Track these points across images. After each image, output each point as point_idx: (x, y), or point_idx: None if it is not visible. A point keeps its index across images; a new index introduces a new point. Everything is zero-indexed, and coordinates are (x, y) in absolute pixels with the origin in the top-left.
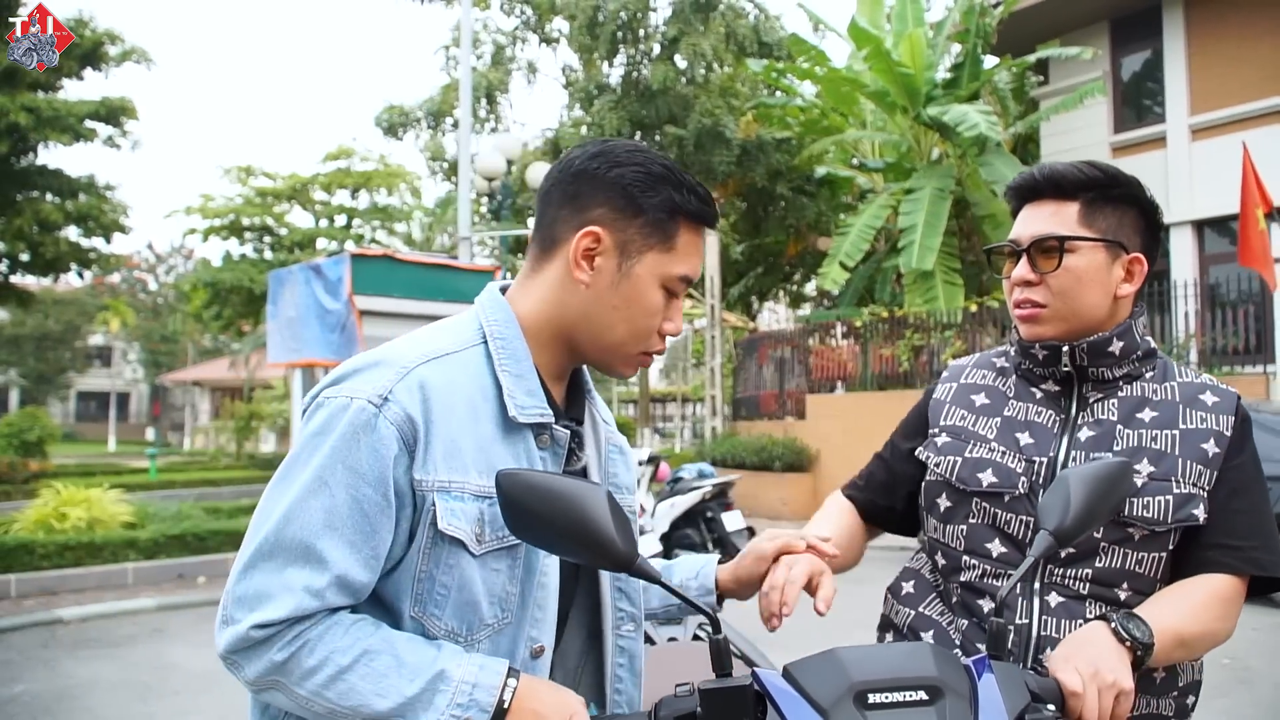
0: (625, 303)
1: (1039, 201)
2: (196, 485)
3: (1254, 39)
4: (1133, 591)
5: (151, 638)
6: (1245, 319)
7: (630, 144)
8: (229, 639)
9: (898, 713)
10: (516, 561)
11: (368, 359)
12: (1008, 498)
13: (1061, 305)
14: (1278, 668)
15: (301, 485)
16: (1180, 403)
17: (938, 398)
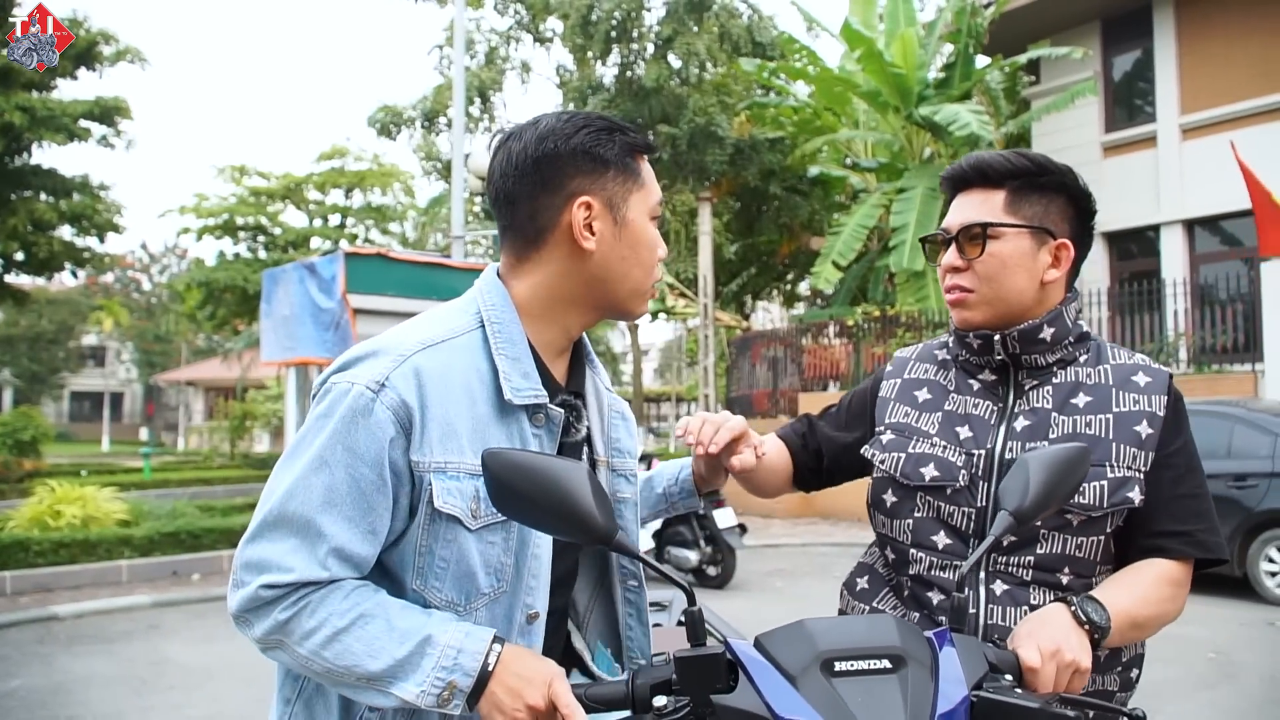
0: (632, 249)
1: (969, 191)
2: (191, 484)
3: (1243, 39)
4: (1074, 575)
5: (146, 634)
6: (1234, 318)
7: (562, 113)
8: (240, 599)
9: (862, 680)
10: (510, 535)
11: (370, 346)
12: (949, 490)
13: (988, 290)
14: (1263, 661)
15: (305, 463)
16: (1113, 385)
17: (883, 395)
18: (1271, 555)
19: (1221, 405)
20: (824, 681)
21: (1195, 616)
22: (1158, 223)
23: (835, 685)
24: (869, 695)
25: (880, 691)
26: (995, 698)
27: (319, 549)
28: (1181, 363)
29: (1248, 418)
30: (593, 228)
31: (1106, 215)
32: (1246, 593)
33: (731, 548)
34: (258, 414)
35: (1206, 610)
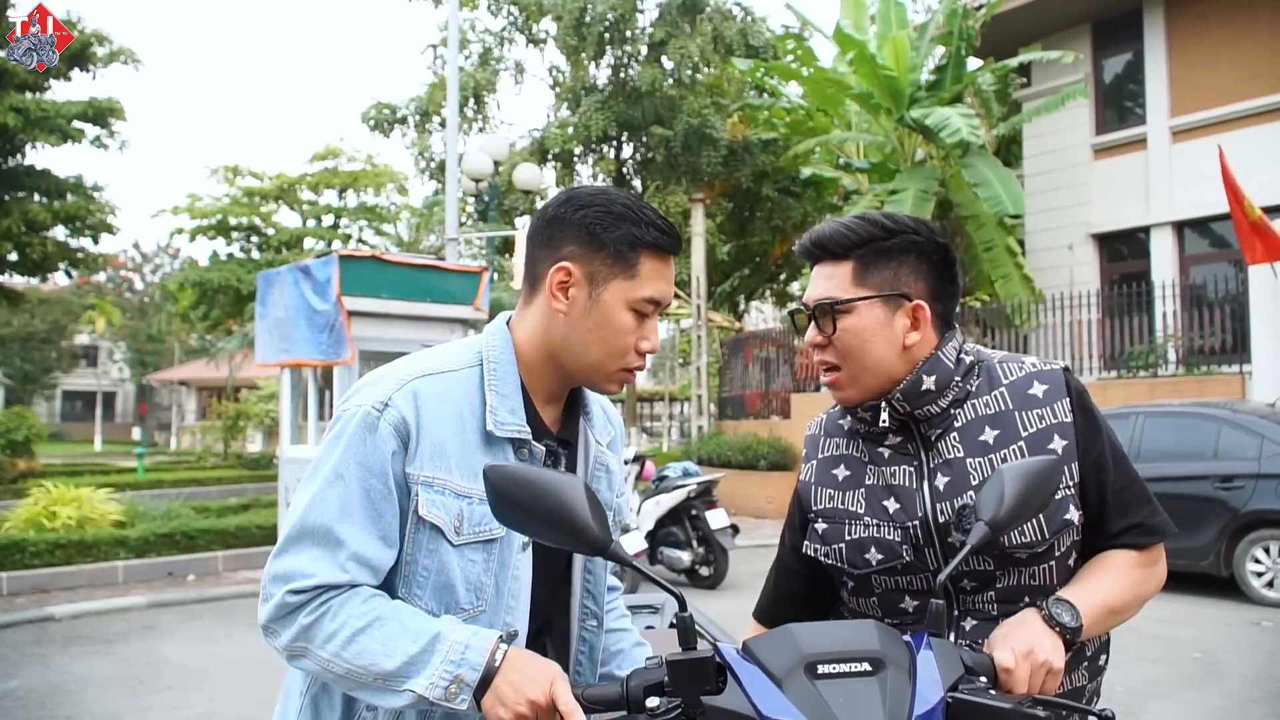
0: (598, 326)
1: (820, 263)
2: (185, 485)
3: (1233, 42)
4: (1034, 598)
5: (143, 634)
6: (1223, 319)
7: (596, 188)
8: (268, 609)
9: (844, 682)
10: (491, 556)
11: (376, 375)
12: (899, 566)
13: (852, 365)
14: (1248, 661)
15: (322, 480)
16: (1014, 408)
17: (804, 480)
18: (1258, 556)
19: (1208, 407)
20: (807, 683)
21: (1181, 616)
22: (1148, 224)
23: (818, 687)
24: (850, 696)
25: (860, 692)
26: (970, 699)
27: (338, 555)
28: (1171, 364)
29: (1234, 419)
30: (568, 292)
31: (1097, 217)
32: (1233, 593)
33: (724, 548)
34: (251, 414)
35: (1193, 610)
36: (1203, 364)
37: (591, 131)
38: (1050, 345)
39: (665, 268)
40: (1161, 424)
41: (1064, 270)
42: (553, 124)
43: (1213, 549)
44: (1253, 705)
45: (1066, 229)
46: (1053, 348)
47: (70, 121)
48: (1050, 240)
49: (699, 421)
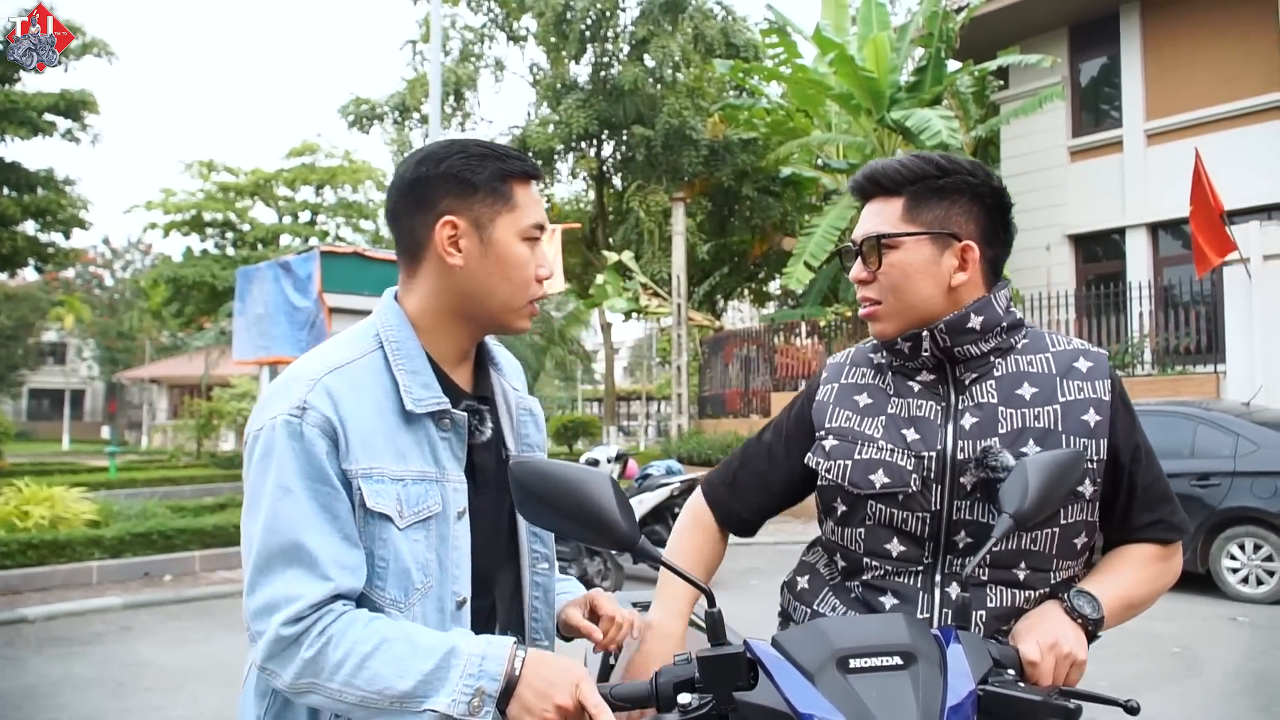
0: (498, 266)
1: (872, 200)
2: (158, 484)
3: (1208, 46)
4: (1030, 570)
5: (120, 636)
6: (1198, 320)
7: (445, 141)
8: (264, 647)
9: (876, 676)
10: (430, 532)
11: (279, 385)
12: (901, 496)
13: (895, 301)
14: (1226, 655)
15: (269, 501)
16: (1057, 374)
17: (820, 400)
18: (1233, 552)
19: (1185, 406)
20: (840, 678)
21: (1160, 612)
22: (1123, 226)
23: (851, 681)
24: (883, 691)
25: (893, 687)
26: (1000, 691)
27: (316, 568)
28: (1146, 364)
29: (1210, 418)
30: (459, 245)
31: (1073, 218)
32: (1209, 589)
33: None
34: (224, 412)
35: (1171, 606)
36: (1177, 364)
37: (573, 129)
38: None
39: (534, 192)
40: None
41: (1041, 270)
42: (534, 121)
43: (1189, 546)
44: (1233, 698)
45: (1043, 230)
46: None
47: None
48: (1027, 241)
49: (679, 420)
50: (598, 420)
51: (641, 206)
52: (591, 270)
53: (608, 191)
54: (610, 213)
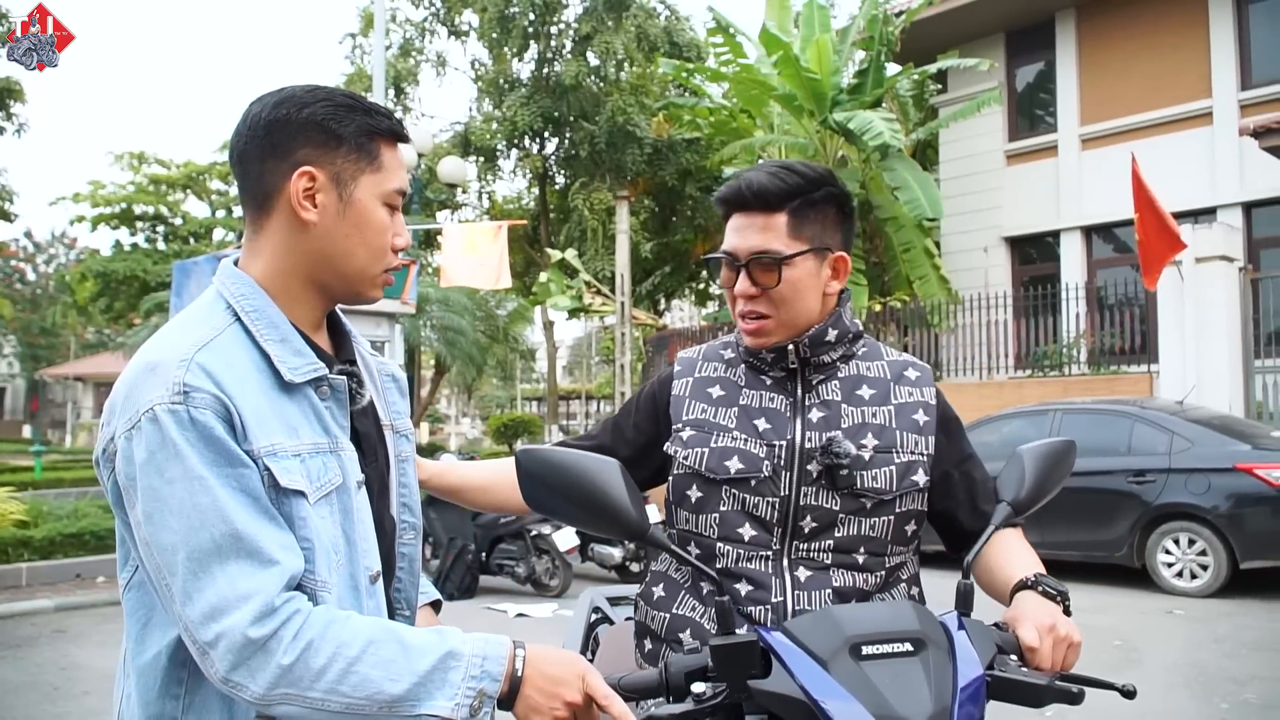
0: (356, 228)
1: (749, 213)
2: (87, 484)
3: (1142, 54)
4: (869, 554)
5: (53, 639)
6: (1131, 321)
7: (308, 85)
8: (228, 656)
9: (888, 662)
10: (334, 506)
11: (134, 375)
12: (754, 482)
13: (785, 315)
14: (1163, 648)
15: (181, 499)
16: (890, 379)
17: (676, 394)
18: (1168, 547)
19: (1121, 404)
20: (853, 664)
21: (1099, 606)
22: (1058, 229)
23: (863, 667)
24: (895, 676)
25: (905, 672)
26: (1007, 676)
27: (259, 554)
28: (1081, 364)
29: (1145, 416)
30: (315, 199)
31: (1009, 221)
32: (1146, 583)
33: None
34: None
35: (1109, 600)
36: (1111, 364)
37: (516, 126)
38: (965, 345)
39: (400, 156)
40: (1077, 420)
41: (979, 272)
42: (477, 117)
43: (1126, 541)
44: (1173, 690)
45: (981, 232)
46: (968, 347)
47: None
48: (965, 243)
49: None
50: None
51: (585, 205)
52: (534, 268)
53: (551, 189)
54: (553, 210)
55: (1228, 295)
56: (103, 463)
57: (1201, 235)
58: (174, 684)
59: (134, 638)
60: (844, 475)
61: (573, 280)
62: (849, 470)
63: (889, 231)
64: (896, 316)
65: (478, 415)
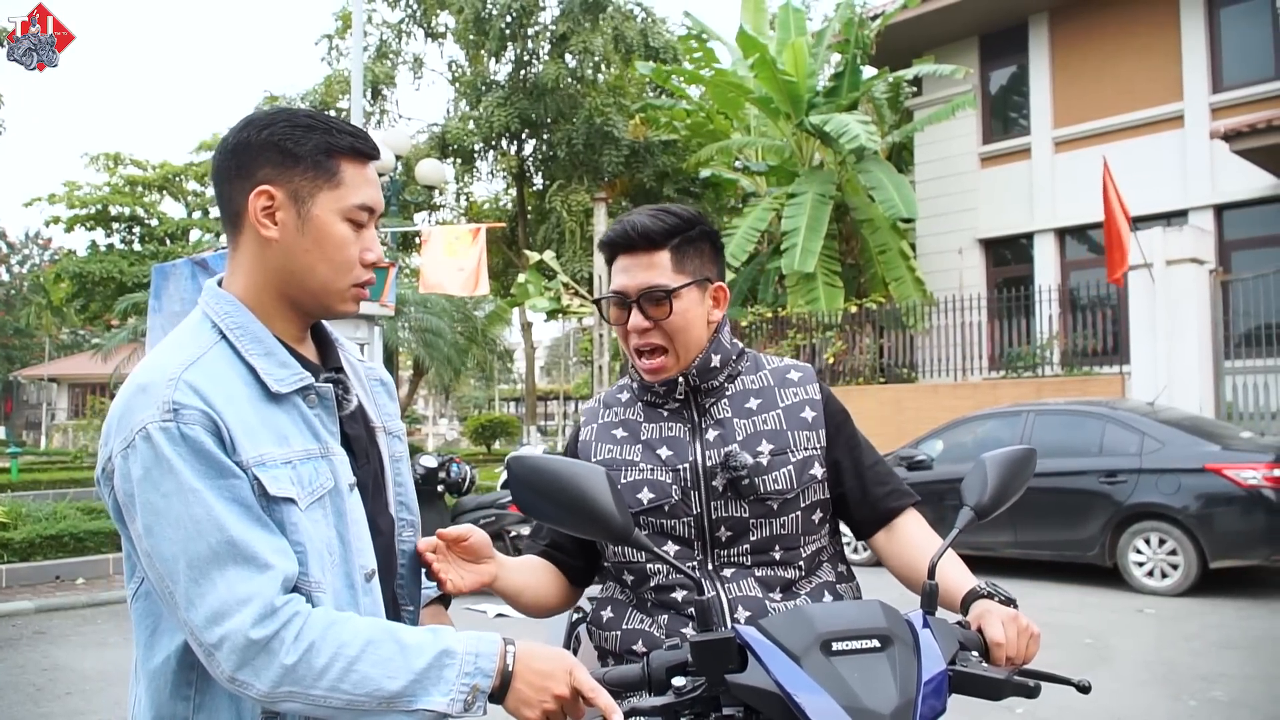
0: (315, 244)
1: (634, 253)
2: (63, 485)
3: (1114, 58)
4: (784, 550)
5: (33, 640)
6: (1103, 322)
7: (275, 108)
8: (233, 656)
9: (857, 658)
10: (327, 509)
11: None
12: (667, 507)
13: (679, 344)
14: (1134, 646)
15: (177, 511)
16: (775, 386)
17: (584, 439)
18: (1139, 547)
19: (1093, 405)
20: (824, 659)
21: (1070, 605)
22: (1031, 231)
23: (834, 663)
24: (863, 671)
25: (872, 667)
26: (969, 671)
27: (254, 559)
28: (1054, 365)
29: (1116, 417)
30: (275, 217)
31: (983, 223)
32: (1116, 582)
33: None
34: None
35: (1080, 599)
36: (1084, 364)
37: (494, 127)
38: (940, 346)
39: (369, 172)
40: (1050, 421)
41: (954, 274)
42: (454, 119)
43: (1098, 540)
44: (1144, 688)
45: (955, 234)
46: (943, 348)
47: None
48: (940, 244)
49: None
50: (516, 420)
51: (563, 206)
52: (512, 269)
53: (528, 190)
54: (530, 212)
55: (1198, 297)
56: (103, 481)
57: (1173, 238)
58: (184, 686)
59: (143, 644)
60: (746, 484)
61: (551, 282)
62: (749, 478)
63: (865, 233)
64: (872, 318)
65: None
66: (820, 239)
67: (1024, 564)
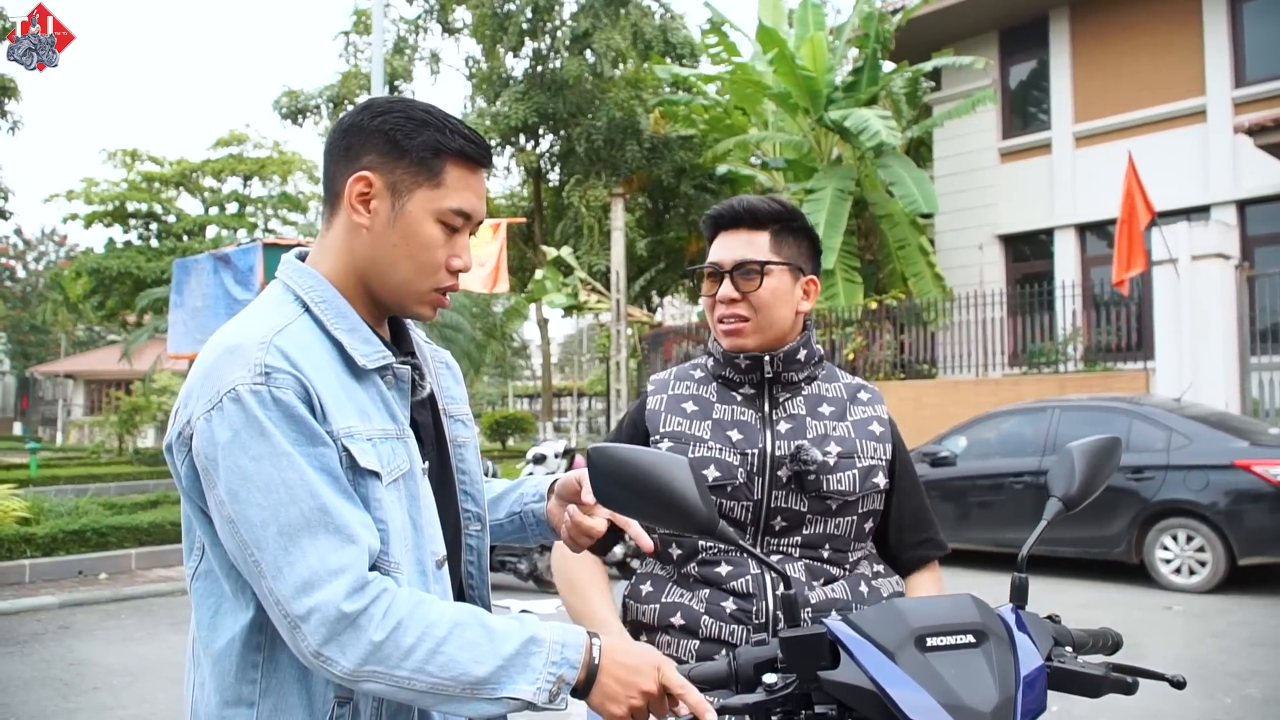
0: (403, 239)
1: (735, 230)
2: (82, 481)
3: (1135, 51)
4: (833, 551)
5: (58, 635)
6: (1126, 318)
7: (395, 96)
8: (321, 629)
9: (952, 654)
10: (402, 491)
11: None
12: (730, 488)
13: (761, 319)
14: (1163, 644)
15: (268, 474)
16: (846, 399)
17: (651, 409)
18: (1166, 544)
19: (1119, 401)
20: (919, 655)
21: (1097, 602)
22: (1051, 226)
23: (929, 659)
24: (960, 667)
25: (969, 663)
26: (1065, 666)
27: (344, 530)
28: (1076, 360)
29: (1143, 413)
30: (369, 205)
31: (1003, 219)
32: (1144, 579)
33: None
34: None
35: (1107, 596)
36: (1107, 360)
37: (512, 122)
38: (961, 342)
39: (474, 179)
40: (1076, 417)
41: (973, 269)
42: (470, 114)
43: (1124, 537)
44: None
45: (975, 229)
46: (963, 344)
47: None
48: (959, 240)
49: (618, 416)
50: (531, 416)
51: (581, 201)
52: (528, 265)
53: (545, 186)
54: (547, 208)
55: (1223, 293)
56: (176, 447)
57: (1198, 233)
58: (250, 668)
59: (205, 625)
60: (811, 479)
61: (568, 277)
62: (815, 475)
63: (884, 229)
64: (892, 314)
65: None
66: (839, 235)
67: (1050, 561)
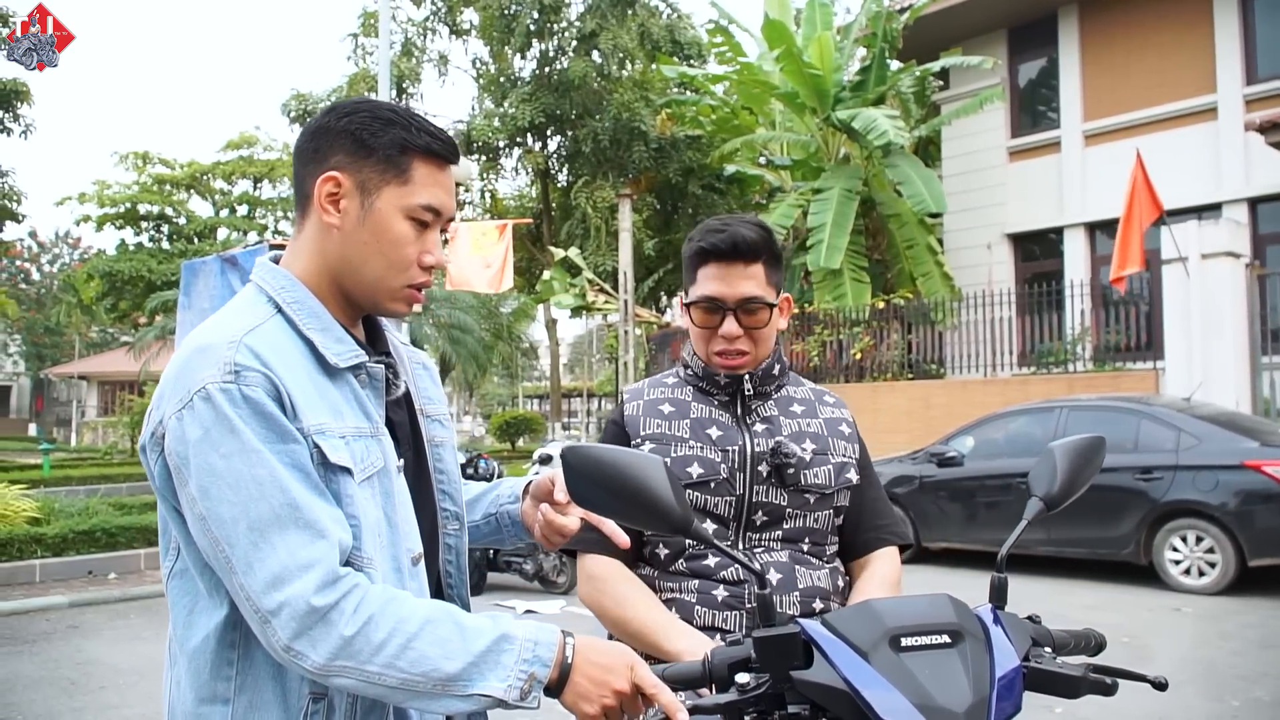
0: (374, 237)
1: (731, 263)
2: (94, 481)
3: (1145, 49)
4: (812, 544)
5: (67, 634)
6: (1136, 318)
7: (361, 98)
8: (291, 624)
9: (927, 654)
10: (376, 489)
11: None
12: (713, 484)
13: (760, 350)
14: (1171, 645)
15: (237, 471)
16: (814, 400)
17: (630, 414)
18: (1175, 545)
19: (1127, 401)
20: (892, 655)
21: (1105, 603)
22: (1060, 225)
23: (903, 659)
24: (934, 667)
25: (943, 663)
26: (1043, 667)
27: (314, 525)
28: (1085, 360)
29: (1151, 413)
30: (339, 204)
31: (1012, 218)
32: (1152, 580)
33: None
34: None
35: (1115, 597)
36: (1116, 360)
37: (518, 123)
38: (969, 342)
39: (442, 175)
40: (1084, 417)
41: (982, 269)
42: (478, 116)
43: (1133, 538)
44: (1183, 686)
45: (984, 229)
46: (972, 344)
47: None
48: (968, 240)
49: None
50: (540, 417)
51: (589, 202)
52: (536, 265)
53: (553, 187)
54: (554, 208)
55: (1234, 291)
56: (149, 447)
57: (1208, 231)
58: (224, 665)
59: (181, 623)
60: (790, 473)
61: (575, 278)
62: (795, 469)
63: (892, 228)
64: (900, 313)
65: (479, 413)
66: (847, 234)
67: (1058, 562)
